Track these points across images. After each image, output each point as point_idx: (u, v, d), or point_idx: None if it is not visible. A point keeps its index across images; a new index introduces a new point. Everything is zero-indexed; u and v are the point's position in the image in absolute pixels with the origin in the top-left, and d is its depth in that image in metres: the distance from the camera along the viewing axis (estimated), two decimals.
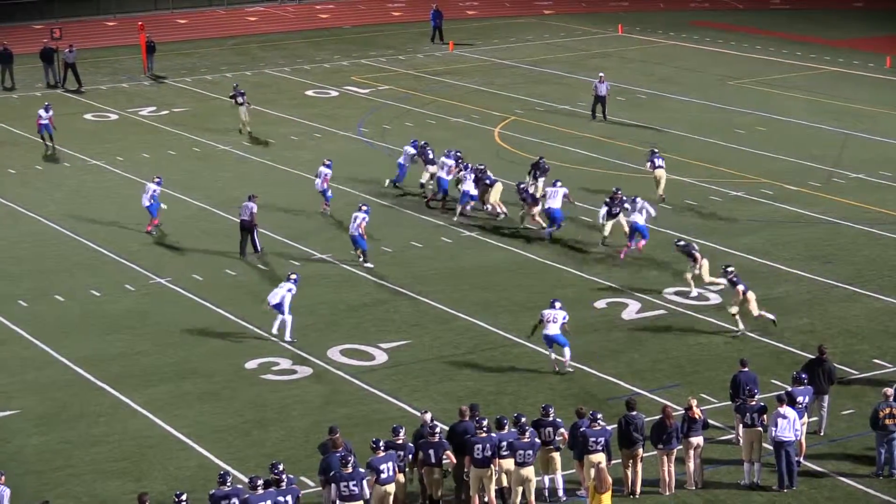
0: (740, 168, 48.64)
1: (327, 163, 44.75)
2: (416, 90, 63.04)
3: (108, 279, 38.84)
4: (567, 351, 31.84)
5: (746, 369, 28.26)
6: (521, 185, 42.57)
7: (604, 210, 40.30)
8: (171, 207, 44.77)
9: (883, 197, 45.03)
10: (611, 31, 77.53)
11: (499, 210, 43.06)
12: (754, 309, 33.38)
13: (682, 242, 37.28)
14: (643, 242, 39.51)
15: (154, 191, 43.06)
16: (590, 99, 57.21)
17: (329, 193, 44.24)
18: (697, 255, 36.19)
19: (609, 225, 40.14)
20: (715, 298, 36.35)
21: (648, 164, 45.04)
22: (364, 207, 39.50)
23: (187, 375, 32.43)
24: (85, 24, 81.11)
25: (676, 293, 36.66)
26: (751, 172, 48.11)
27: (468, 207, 43.47)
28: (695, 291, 36.34)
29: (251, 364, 32.84)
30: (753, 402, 26.74)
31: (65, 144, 54.01)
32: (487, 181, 43.62)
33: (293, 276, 34.79)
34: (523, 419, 25.70)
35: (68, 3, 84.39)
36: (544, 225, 41.53)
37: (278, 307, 34.00)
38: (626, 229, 39.79)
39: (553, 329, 31.71)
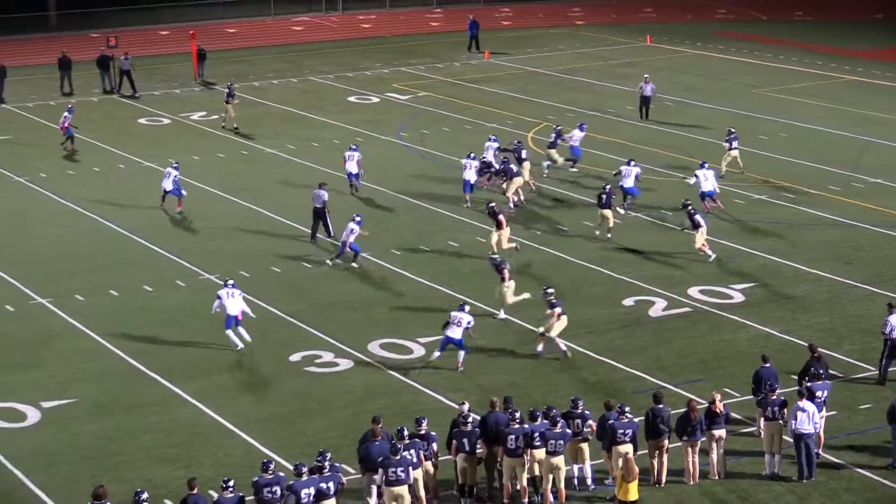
0: (763, 172, 48.47)
1: (354, 147, 46.38)
2: (454, 97, 63.03)
3: (159, 275, 38.97)
4: (462, 354, 31.76)
5: (768, 365, 28.21)
6: (505, 160, 44.75)
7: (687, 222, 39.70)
8: (220, 207, 45.03)
9: None
10: (639, 41, 77.36)
11: (515, 200, 44.01)
12: (555, 331, 32.43)
13: (496, 257, 36.37)
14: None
15: (175, 176, 44.68)
16: (617, 105, 57.01)
17: (361, 174, 46.02)
18: (507, 273, 35.05)
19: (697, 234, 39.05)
20: (738, 297, 36.26)
21: (726, 143, 47.51)
22: (357, 218, 39.29)
23: (234, 367, 32.54)
24: (140, 33, 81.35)
25: (701, 292, 36.60)
26: (773, 176, 47.96)
27: (467, 198, 44.51)
28: (502, 314, 35.09)
29: (295, 357, 32.91)
30: (774, 397, 26.69)
31: (120, 147, 54.31)
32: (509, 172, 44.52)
33: (231, 281, 34.30)
34: (554, 411, 25.70)
35: (124, 13, 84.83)
36: (522, 198, 43.05)
37: (232, 320, 33.30)
38: (701, 242, 38.89)
39: (455, 332, 31.60)
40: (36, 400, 30.79)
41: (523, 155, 45.46)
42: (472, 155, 45.12)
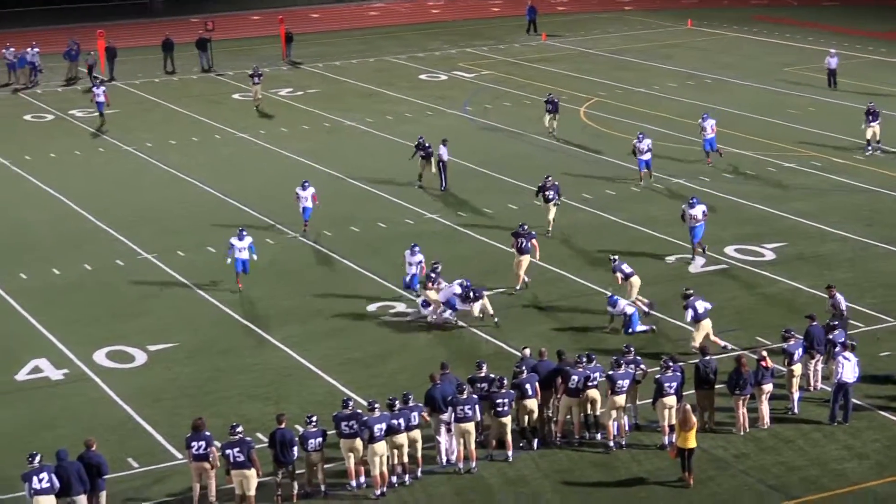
0: (793, 143, 47.86)
1: (307, 182, 39.81)
2: (514, 75, 62.63)
3: (252, 234, 38.91)
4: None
5: (815, 323, 27.47)
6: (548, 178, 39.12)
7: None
8: (306, 175, 44.91)
9: None
10: (681, 24, 76.50)
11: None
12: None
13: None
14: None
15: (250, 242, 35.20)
16: (661, 82, 56.33)
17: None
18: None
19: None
20: (770, 255, 35.84)
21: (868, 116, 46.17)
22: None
23: (318, 316, 32.56)
24: (234, 18, 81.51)
25: (736, 250, 36.17)
26: (802, 147, 47.33)
27: None
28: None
29: (371, 307, 32.87)
30: (794, 342, 26.38)
31: (216, 119, 54.46)
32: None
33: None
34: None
35: (220, 0, 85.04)
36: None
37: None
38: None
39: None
40: (143, 344, 31.00)
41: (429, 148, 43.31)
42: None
